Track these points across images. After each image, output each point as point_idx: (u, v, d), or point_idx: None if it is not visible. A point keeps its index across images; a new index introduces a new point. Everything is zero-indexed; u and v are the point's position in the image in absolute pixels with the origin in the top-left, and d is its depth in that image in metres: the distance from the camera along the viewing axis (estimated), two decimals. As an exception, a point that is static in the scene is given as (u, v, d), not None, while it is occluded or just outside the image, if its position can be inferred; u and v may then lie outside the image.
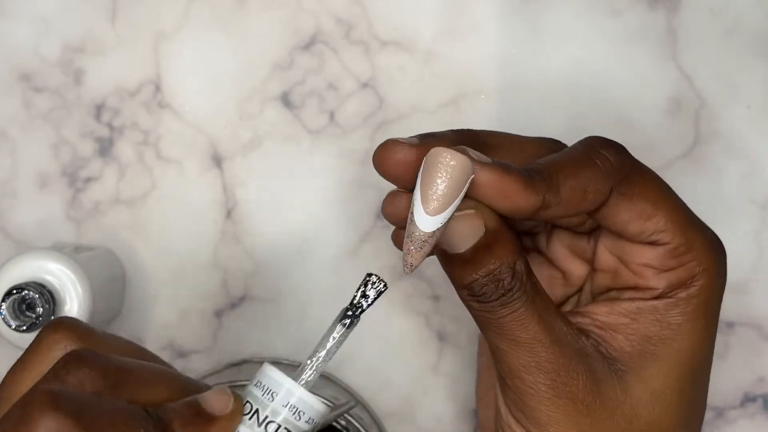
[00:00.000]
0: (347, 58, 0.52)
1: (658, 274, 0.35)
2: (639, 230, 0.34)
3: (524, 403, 0.34)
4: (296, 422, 0.33)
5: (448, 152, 0.31)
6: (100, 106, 0.52)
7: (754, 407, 0.51)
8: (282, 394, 0.33)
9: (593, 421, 0.34)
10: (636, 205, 0.34)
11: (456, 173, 0.31)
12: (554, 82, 0.51)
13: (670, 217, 0.34)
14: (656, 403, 0.34)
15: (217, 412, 0.32)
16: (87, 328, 0.33)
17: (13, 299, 0.45)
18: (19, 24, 0.52)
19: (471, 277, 0.33)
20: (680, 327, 0.35)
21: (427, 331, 0.52)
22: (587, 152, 0.34)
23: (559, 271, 0.39)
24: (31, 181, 0.52)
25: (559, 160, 0.33)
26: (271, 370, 0.33)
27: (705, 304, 0.35)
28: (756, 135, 0.51)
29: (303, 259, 0.52)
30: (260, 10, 0.52)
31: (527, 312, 0.33)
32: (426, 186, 0.31)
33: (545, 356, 0.33)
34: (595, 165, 0.33)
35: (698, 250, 0.34)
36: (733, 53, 0.51)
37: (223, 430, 0.32)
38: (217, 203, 0.52)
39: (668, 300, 0.35)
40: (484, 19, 0.51)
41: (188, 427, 0.31)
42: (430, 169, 0.31)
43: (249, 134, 0.52)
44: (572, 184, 0.33)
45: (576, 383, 0.34)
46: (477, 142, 0.35)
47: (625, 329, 0.35)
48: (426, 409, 0.52)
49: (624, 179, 0.34)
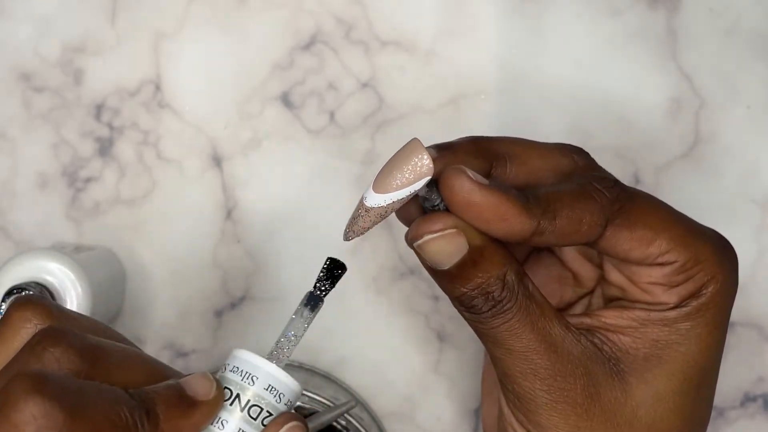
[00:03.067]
0: (347, 58, 0.52)
1: (668, 290, 0.35)
2: (642, 256, 0.34)
3: (524, 407, 0.34)
4: (276, 404, 0.33)
5: (420, 148, 0.32)
6: (100, 106, 0.52)
7: (754, 407, 0.51)
8: (262, 377, 0.33)
9: (593, 424, 0.34)
10: (635, 233, 0.34)
11: (415, 168, 0.32)
12: (554, 82, 0.51)
13: (672, 237, 0.34)
14: (658, 406, 0.34)
15: (200, 396, 0.32)
16: (55, 305, 0.33)
17: (13, 299, 0.45)
18: (19, 24, 0.52)
19: (459, 291, 0.33)
20: (689, 332, 0.34)
21: (427, 331, 0.52)
22: (584, 186, 0.34)
23: (570, 271, 0.39)
24: (31, 181, 0.52)
25: (557, 190, 0.34)
26: (246, 354, 0.33)
27: (715, 310, 0.35)
28: (756, 135, 0.51)
29: (303, 259, 0.52)
30: (260, 10, 0.52)
31: (520, 322, 0.33)
32: (387, 165, 0.32)
33: (541, 363, 0.33)
34: (592, 198, 0.34)
35: (705, 260, 0.34)
36: (733, 53, 0.51)
37: (206, 414, 0.32)
38: (217, 203, 0.52)
39: (680, 309, 0.35)
40: (484, 19, 0.51)
41: (171, 410, 0.31)
42: (399, 153, 0.32)
43: (249, 134, 0.52)
44: (568, 214, 0.33)
45: (574, 388, 0.34)
46: (494, 151, 0.35)
47: (633, 332, 0.35)
48: (426, 409, 0.52)
49: (619, 210, 0.34)
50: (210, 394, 0.32)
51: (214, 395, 0.32)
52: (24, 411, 0.27)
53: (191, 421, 0.31)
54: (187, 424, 0.31)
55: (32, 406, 0.28)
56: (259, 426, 0.32)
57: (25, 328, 0.31)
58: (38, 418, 0.27)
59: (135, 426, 0.29)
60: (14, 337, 0.31)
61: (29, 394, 0.28)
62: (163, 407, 0.30)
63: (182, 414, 0.31)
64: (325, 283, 0.34)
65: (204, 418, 0.32)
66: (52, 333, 0.30)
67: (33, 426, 0.27)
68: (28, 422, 0.27)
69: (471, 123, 0.51)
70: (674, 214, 0.35)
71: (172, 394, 0.31)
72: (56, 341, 0.30)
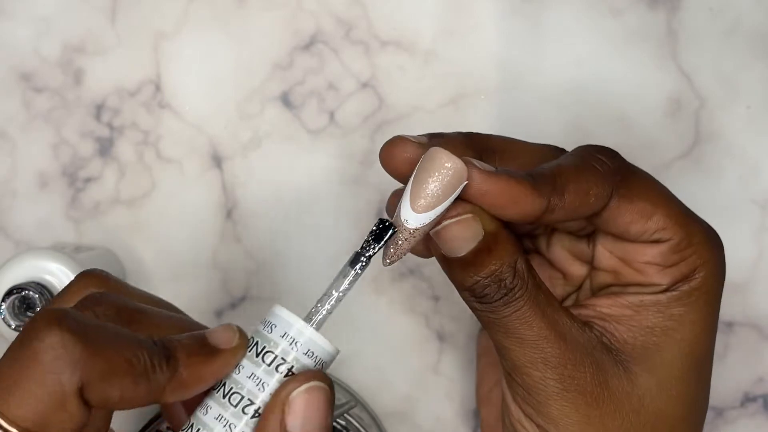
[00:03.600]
0: (347, 58, 0.52)
1: (661, 270, 0.35)
2: (641, 230, 0.35)
3: (533, 399, 0.34)
4: (305, 362, 0.32)
5: (445, 154, 0.31)
6: (100, 106, 0.52)
7: (754, 407, 0.51)
8: (292, 334, 0.32)
9: (602, 413, 0.34)
10: (636, 205, 0.35)
11: (449, 176, 0.31)
12: (554, 82, 0.51)
13: (669, 214, 0.35)
14: (662, 393, 0.35)
15: (222, 345, 0.32)
16: (117, 279, 0.35)
17: (13, 299, 0.45)
18: (19, 24, 0.52)
19: (472, 279, 0.33)
20: (682, 318, 0.35)
21: (427, 331, 0.52)
22: (585, 158, 0.34)
23: (560, 272, 0.39)
24: (31, 181, 0.52)
25: (560, 165, 0.34)
26: (281, 310, 0.33)
27: (707, 296, 0.35)
28: (756, 135, 0.51)
29: (303, 259, 0.52)
30: (260, 10, 0.52)
31: (530, 310, 0.33)
32: (418, 183, 0.32)
33: (551, 351, 0.34)
34: (595, 168, 0.34)
35: (698, 243, 0.35)
36: (733, 53, 0.51)
37: (226, 362, 0.32)
38: (217, 203, 0.52)
39: (671, 293, 0.35)
40: (484, 19, 0.51)
41: (192, 357, 0.31)
42: (426, 167, 0.31)
43: (249, 134, 0.52)
44: (575, 188, 0.33)
45: (584, 376, 0.34)
46: (484, 145, 0.35)
47: (627, 321, 0.35)
48: (426, 409, 0.52)
49: (622, 182, 0.34)
50: (232, 342, 0.32)
51: (235, 344, 0.32)
52: (44, 340, 0.29)
53: (211, 368, 0.32)
54: (207, 371, 0.32)
55: (52, 335, 0.29)
56: (282, 380, 0.32)
57: (82, 295, 0.33)
58: (56, 348, 0.29)
59: (153, 368, 0.30)
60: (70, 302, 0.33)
61: (50, 326, 0.29)
62: (183, 354, 0.31)
63: (203, 361, 0.31)
64: (371, 242, 0.33)
65: (225, 365, 0.32)
66: (97, 296, 0.32)
67: (51, 354, 0.29)
68: (46, 351, 0.29)
69: (471, 123, 0.51)
70: (671, 195, 0.36)
71: (193, 342, 0.32)
72: (99, 301, 0.32)
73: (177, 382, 0.31)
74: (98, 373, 0.29)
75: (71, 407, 0.29)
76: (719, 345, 0.50)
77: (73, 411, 0.29)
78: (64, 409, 0.29)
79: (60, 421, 0.29)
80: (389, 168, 0.34)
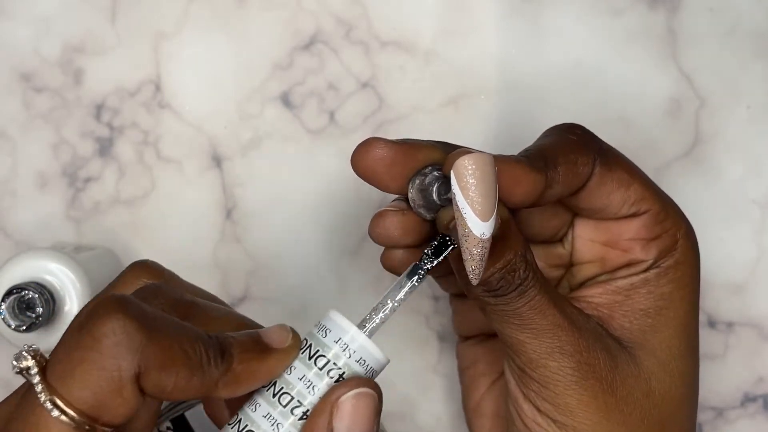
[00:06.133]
0: (347, 58, 0.52)
1: (646, 245, 0.36)
2: (622, 199, 0.36)
3: (550, 392, 0.35)
4: (356, 369, 0.33)
5: (473, 156, 0.31)
6: (100, 106, 0.52)
7: (754, 407, 0.51)
8: (346, 340, 0.33)
9: (618, 399, 0.35)
10: (615, 173, 0.36)
11: (490, 171, 0.31)
12: (554, 82, 0.51)
13: (643, 185, 0.36)
14: (665, 374, 0.35)
15: (275, 344, 0.32)
16: (170, 271, 0.35)
17: (13, 299, 0.45)
18: (19, 24, 0.52)
19: (488, 272, 0.33)
20: (672, 295, 0.36)
21: (427, 331, 0.52)
22: (561, 133, 0.36)
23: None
24: (31, 181, 0.52)
25: (541, 144, 0.35)
26: (337, 316, 0.33)
27: (690, 269, 0.36)
28: (756, 135, 0.51)
29: (303, 259, 0.52)
30: (260, 10, 0.52)
31: (543, 298, 0.34)
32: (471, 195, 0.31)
33: (567, 339, 0.34)
34: (573, 140, 0.35)
35: (673, 216, 0.36)
36: (733, 53, 0.51)
37: (279, 361, 0.32)
38: (217, 203, 0.52)
39: (657, 270, 0.36)
40: (484, 19, 0.51)
41: (246, 353, 0.31)
42: (467, 177, 0.31)
43: (249, 134, 0.52)
44: (564, 160, 0.34)
45: (598, 362, 0.34)
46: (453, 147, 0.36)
47: (620, 308, 0.36)
48: (426, 409, 0.52)
49: (599, 152, 0.36)
50: (285, 342, 0.33)
51: (289, 344, 0.33)
52: (106, 325, 0.29)
53: (264, 366, 0.32)
54: (260, 369, 0.32)
55: (114, 320, 0.29)
56: (331, 384, 0.33)
57: (136, 285, 0.33)
58: (118, 334, 0.29)
59: (208, 362, 0.30)
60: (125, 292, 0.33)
61: (112, 312, 0.29)
62: (238, 350, 0.31)
63: (256, 358, 0.32)
64: (431, 256, 0.34)
65: (278, 364, 0.32)
66: (152, 287, 0.32)
67: (112, 339, 0.29)
68: (107, 335, 0.29)
69: (471, 123, 0.51)
70: (638, 167, 0.37)
71: (248, 340, 0.32)
72: (156, 293, 0.32)
73: (230, 378, 0.31)
74: (156, 361, 0.29)
75: (127, 393, 0.29)
76: (719, 345, 0.50)
77: (128, 397, 0.29)
78: (120, 394, 0.29)
79: (115, 406, 0.29)
80: (360, 167, 0.34)
